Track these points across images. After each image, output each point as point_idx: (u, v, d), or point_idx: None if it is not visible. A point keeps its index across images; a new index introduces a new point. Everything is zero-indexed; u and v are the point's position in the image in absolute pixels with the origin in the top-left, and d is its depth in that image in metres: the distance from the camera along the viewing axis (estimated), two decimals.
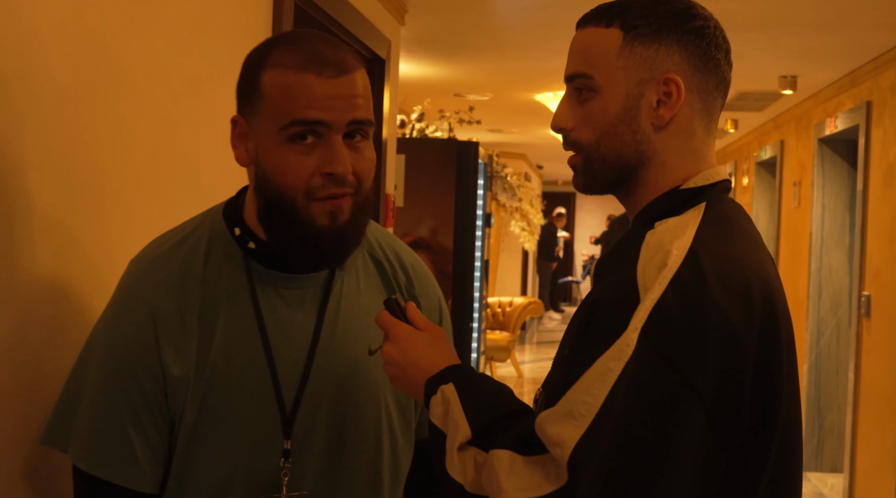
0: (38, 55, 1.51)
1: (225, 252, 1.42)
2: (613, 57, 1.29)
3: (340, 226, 1.35)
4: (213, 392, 1.36)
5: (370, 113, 1.37)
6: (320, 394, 1.41)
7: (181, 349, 1.36)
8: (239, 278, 1.40)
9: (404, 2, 4.15)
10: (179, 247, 1.42)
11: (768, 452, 1.21)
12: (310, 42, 1.35)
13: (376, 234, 1.56)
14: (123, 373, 1.35)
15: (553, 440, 1.16)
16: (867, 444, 5.10)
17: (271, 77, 1.34)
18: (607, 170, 1.32)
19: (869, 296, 5.07)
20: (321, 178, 1.33)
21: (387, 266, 1.54)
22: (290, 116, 1.31)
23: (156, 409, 1.36)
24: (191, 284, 1.38)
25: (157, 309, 1.36)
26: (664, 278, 1.16)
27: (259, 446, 1.38)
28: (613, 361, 1.14)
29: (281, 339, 1.40)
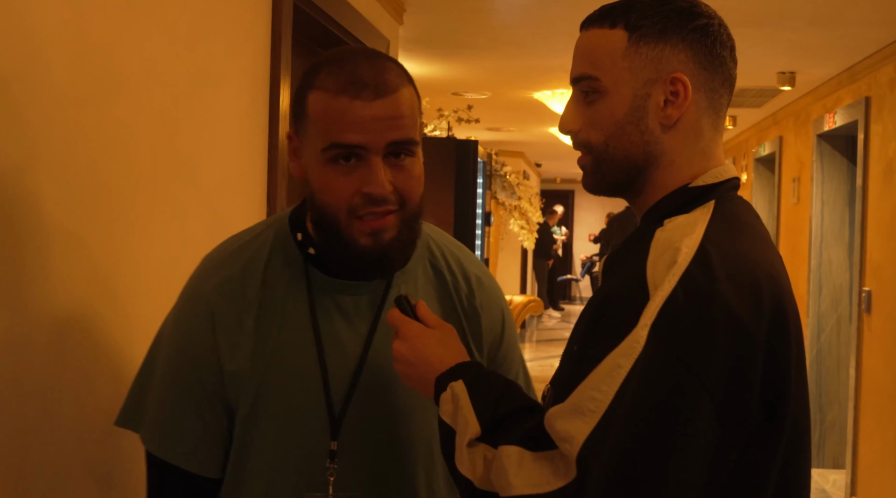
0: (39, 57, 1.51)
1: (287, 256, 1.47)
2: (619, 58, 1.29)
3: (384, 244, 1.39)
4: (266, 388, 1.42)
5: (411, 132, 1.39)
6: (369, 399, 1.45)
7: (236, 346, 1.42)
8: (298, 282, 1.46)
9: (402, 1, 4.14)
10: (245, 249, 1.49)
11: (777, 447, 1.21)
12: (352, 63, 1.38)
13: (441, 244, 1.58)
14: (185, 367, 1.43)
15: (562, 436, 1.16)
16: (869, 439, 5.10)
17: (315, 99, 1.38)
18: (616, 170, 1.33)
19: (869, 291, 5.07)
20: (360, 198, 1.37)
21: (447, 276, 1.56)
22: (329, 139, 1.36)
23: (215, 400, 1.43)
24: (251, 285, 1.45)
25: (216, 308, 1.43)
26: (674, 275, 1.16)
27: (307, 445, 1.42)
28: (623, 357, 1.15)
29: (334, 343, 1.44)
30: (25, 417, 1.50)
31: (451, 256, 1.58)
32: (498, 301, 1.61)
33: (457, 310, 1.54)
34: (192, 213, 2.09)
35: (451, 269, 1.56)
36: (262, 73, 2.49)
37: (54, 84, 1.55)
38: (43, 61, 1.52)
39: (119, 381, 1.79)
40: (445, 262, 1.57)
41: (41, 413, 1.53)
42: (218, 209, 2.23)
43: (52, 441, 1.57)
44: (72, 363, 1.62)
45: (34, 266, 1.52)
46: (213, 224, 2.20)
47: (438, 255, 1.57)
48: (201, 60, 2.10)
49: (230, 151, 2.30)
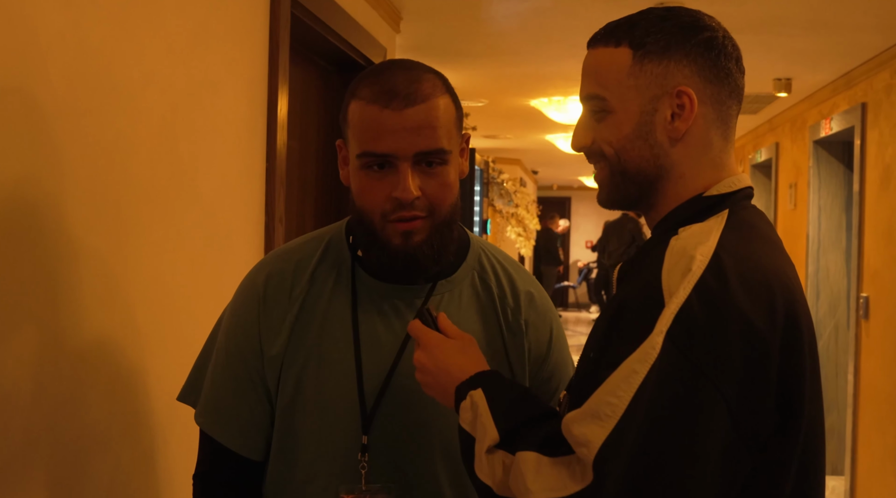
0: (38, 67, 1.51)
1: (338, 256, 1.56)
2: (625, 76, 1.32)
3: (413, 246, 1.45)
4: (305, 378, 1.49)
5: (441, 141, 1.44)
6: (400, 399, 1.50)
7: (278, 332, 1.51)
8: (344, 281, 1.54)
9: (399, 9, 4.15)
10: (303, 247, 1.59)
11: (793, 453, 1.22)
12: (390, 73, 1.46)
13: (494, 259, 1.62)
14: (233, 351, 1.53)
15: (579, 440, 1.18)
16: (868, 445, 5.10)
17: (353, 108, 1.46)
18: (629, 184, 1.35)
19: (867, 297, 5.07)
20: (391, 203, 1.44)
21: (495, 290, 1.59)
22: (362, 147, 1.44)
23: (258, 382, 1.52)
24: (300, 280, 1.54)
25: (265, 296, 1.53)
26: (689, 283, 1.18)
27: (341, 436, 1.49)
28: (639, 363, 1.16)
29: (371, 342, 1.51)
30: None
31: (501, 270, 1.62)
32: (548, 319, 1.63)
33: (500, 323, 1.58)
34: (191, 220, 2.09)
35: (501, 283, 1.60)
36: (260, 82, 2.49)
37: (54, 94, 1.55)
38: (42, 71, 1.52)
39: (114, 382, 1.79)
40: (495, 276, 1.60)
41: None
42: (217, 216, 2.23)
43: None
44: (72, 368, 1.62)
45: (33, 273, 1.52)
46: (211, 231, 2.20)
47: (489, 268, 1.61)
48: (200, 69, 2.11)
49: (229, 159, 2.30)
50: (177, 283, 2.02)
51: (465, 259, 1.58)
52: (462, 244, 1.59)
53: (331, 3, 3.07)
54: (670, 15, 1.33)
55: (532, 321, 1.60)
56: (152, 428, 1.92)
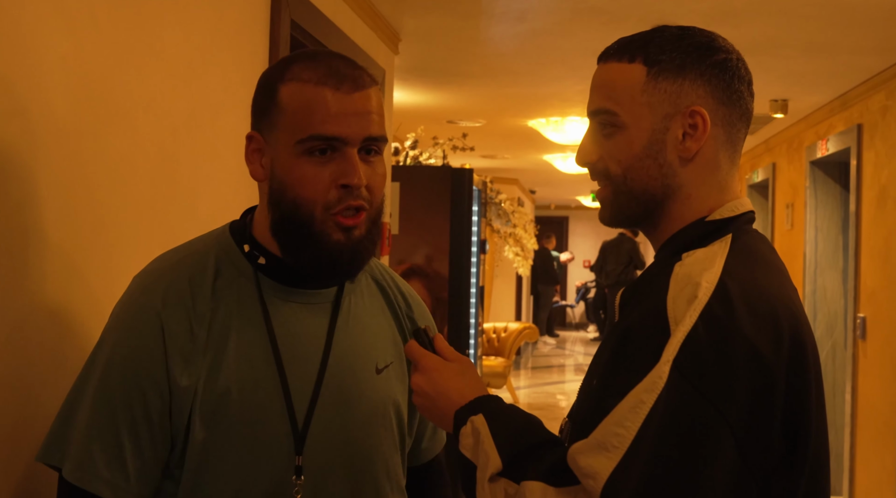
0: (40, 91, 1.52)
1: (234, 268, 1.42)
2: (638, 93, 1.30)
3: (355, 241, 1.38)
4: (224, 407, 1.35)
5: (384, 129, 1.40)
6: (331, 410, 1.42)
7: (190, 360, 1.35)
8: (250, 293, 1.41)
9: (398, 30, 4.18)
10: (186, 261, 1.42)
11: (800, 480, 1.22)
12: (327, 59, 1.39)
13: (374, 262, 1.58)
14: (128, 383, 1.34)
15: (586, 472, 1.16)
16: (865, 466, 5.10)
17: (290, 91, 1.36)
18: (634, 203, 1.33)
19: (864, 317, 5.08)
20: (337, 191, 1.35)
21: (389, 290, 1.57)
22: (307, 131, 1.34)
23: (157, 423, 1.34)
24: (200, 297, 1.38)
25: (166, 319, 1.36)
26: (695, 310, 1.17)
27: (271, 463, 1.37)
28: (646, 393, 1.15)
29: (292, 353, 1.40)
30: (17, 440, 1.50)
31: (385, 272, 1.60)
32: (428, 316, 1.62)
33: (401, 324, 1.55)
34: None
35: (389, 283, 1.58)
36: None
37: (55, 119, 1.56)
38: (44, 96, 1.53)
39: None
40: (382, 276, 1.58)
41: (32, 437, 1.54)
42: None
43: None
44: (65, 390, 1.63)
45: (32, 294, 1.53)
46: None
47: (377, 269, 1.58)
48: (200, 93, 2.12)
49: (229, 183, 2.31)
50: None
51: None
52: None
53: (330, 25, 3.08)
54: (686, 34, 1.32)
55: (420, 319, 1.58)
56: None
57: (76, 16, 1.61)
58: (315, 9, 2.91)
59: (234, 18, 2.33)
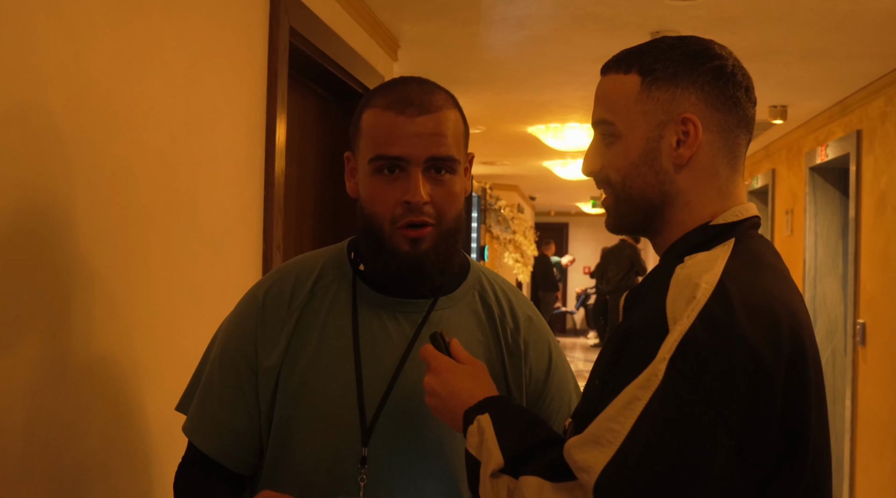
0: (39, 98, 1.52)
1: (339, 271, 1.58)
2: (633, 102, 1.33)
3: (420, 253, 1.49)
4: (303, 392, 1.50)
5: (452, 150, 1.50)
6: (400, 412, 1.50)
7: (275, 343, 1.52)
8: (345, 293, 1.56)
9: (397, 37, 4.18)
10: (303, 262, 1.61)
11: (800, 482, 1.22)
12: (404, 85, 1.52)
13: (494, 281, 1.65)
14: (227, 360, 1.54)
15: (580, 466, 1.18)
16: (866, 472, 5.09)
17: (367, 116, 1.51)
18: (634, 210, 1.36)
19: (864, 323, 5.08)
20: (401, 207, 1.47)
21: (495, 309, 1.61)
22: (375, 151, 1.48)
23: (249, 395, 1.52)
24: (300, 292, 1.55)
25: (265, 306, 1.55)
26: (693, 310, 1.18)
27: (340, 449, 1.49)
28: (641, 389, 1.16)
29: (372, 354, 1.52)
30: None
31: (501, 293, 1.64)
32: (546, 341, 1.64)
33: (500, 344, 1.59)
34: (190, 248, 2.10)
35: (501, 304, 1.62)
36: (259, 111, 2.51)
37: (55, 123, 1.57)
38: (44, 101, 1.53)
39: (113, 409, 1.79)
40: (495, 297, 1.62)
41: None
42: (215, 244, 2.24)
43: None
44: (64, 398, 1.62)
45: (34, 300, 1.53)
46: (210, 259, 2.20)
47: (489, 289, 1.63)
48: (199, 99, 2.12)
49: (227, 187, 2.31)
50: (176, 310, 2.03)
51: (465, 278, 1.60)
52: (463, 264, 1.61)
53: (329, 31, 3.09)
54: (680, 44, 1.35)
55: (532, 344, 1.61)
56: (150, 456, 1.92)
57: (75, 22, 1.61)
58: (314, 15, 2.92)
59: (233, 25, 2.34)
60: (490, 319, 1.60)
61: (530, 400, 1.59)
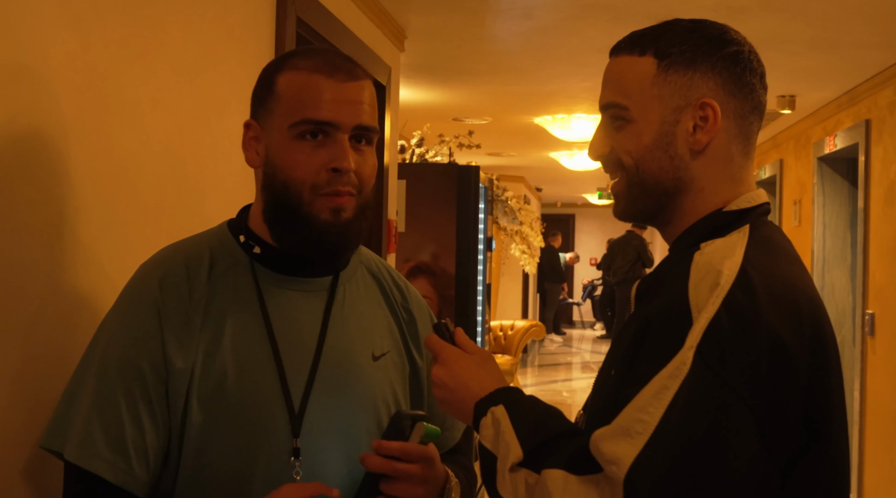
0: (47, 90, 1.52)
1: (230, 258, 1.48)
2: (648, 86, 1.31)
3: (342, 223, 1.42)
4: (221, 390, 1.39)
5: (375, 121, 1.46)
6: (326, 394, 1.44)
7: (184, 343, 1.39)
8: (245, 281, 1.46)
9: (403, 28, 4.17)
10: (183, 252, 1.48)
11: (821, 468, 1.22)
12: (324, 51, 1.47)
13: (369, 255, 1.63)
14: (126, 363, 1.37)
15: (608, 458, 1.16)
16: (875, 463, 5.08)
17: (287, 78, 1.43)
18: (647, 196, 1.33)
19: (873, 314, 5.07)
20: (326, 174, 1.40)
21: (384, 281, 1.61)
22: (300, 114, 1.40)
23: (155, 402, 1.37)
24: (196, 284, 1.43)
25: (162, 303, 1.40)
26: (717, 297, 1.17)
27: (269, 444, 1.39)
28: (669, 379, 1.15)
29: (287, 339, 1.44)
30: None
31: (380, 263, 1.64)
32: (425, 306, 1.65)
33: (397, 314, 1.59)
34: None
35: (384, 275, 1.62)
36: None
37: (62, 115, 1.56)
38: (51, 92, 1.53)
39: None
40: (377, 268, 1.62)
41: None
42: None
43: None
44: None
45: (39, 291, 1.52)
46: None
47: (371, 261, 1.62)
48: (206, 90, 2.12)
49: (235, 180, 2.31)
50: None
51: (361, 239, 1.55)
52: None
53: (336, 22, 3.08)
54: (697, 27, 1.33)
55: (416, 308, 1.62)
56: None
57: (82, 13, 1.61)
58: (321, 6, 2.91)
59: (241, 16, 2.33)
60: (383, 291, 1.59)
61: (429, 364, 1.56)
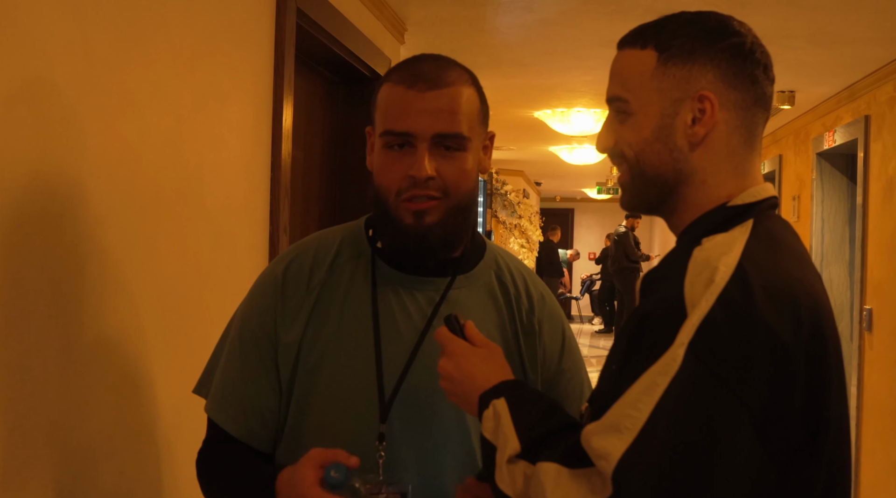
0: (46, 76, 1.52)
1: (357, 248, 1.59)
2: (648, 78, 1.31)
3: (425, 227, 1.49)
4: (322, 368, 1.51)
5: (460, 127, 1.49)
6: (418, 389, 1.51)
7: (295, 319, 1.53)
8: (363, 271, 1.57)
9: (404, 20, 4.16)
10: (321, 239, 1.61)
11: (820, 466, 1.21)
12: (418, 61, 1.53)
13: (509, 262, 1.67)
14: (247, 337, 1.55)
15: (598, 453, 1.16)
16: (871, 458, 5.09)
17: (383, 90, 1.53)
18: (649, 187, 1.34)
19: (871, 309, 5.07)
20: (407, 181, 1.48)
21: (511, 289, 1.62)
22: (385, 126, 1.50)
23: (271, 371, 1.53)
24: (319, 268, 1.56)
25: (284, 283, 1.55)
26: (711, 294, 1.16)
27: (358, 425, 1.49)
28: (660, 375, 1.15)
29: (390, 331, 1.53)
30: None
31: (517, 272, 1.65)
32: (559, 321, 1.65)
33: (515, 323, 1.60)
34: (197, 229, 2.09)
35: (516, 284, 1.63)
36: (266, 93, 2.50)
37: (61, 102, 1.56)
38: (50, 80, 1.53)
39: (120, 389, 1.79)
40: (511, 277, 1.63)
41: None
42: (222, 226, 2.23)
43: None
44: (72, 379, 1.63)
45: (39, 281, 1.53)
46: (216, 241, 2.20)
47: (505, 269, 1.64)
48: (205, 79, 2.12)
49: (234, 169, 2.31)
50: (182, 291, 2.03)
51: (482, 258, 1.61)
52: (479, 244, 1.62)
53: (336, 13, 3.08)
54: (699, 19, 1.33)
55: (546, 323, 1.62)
56: (157, 436, 1.92)
57: (81, 1, 1.60)
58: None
59: (241, 6, 2.33)
60: (506, 298, 1.61)
61: (545, 379, 1.59)
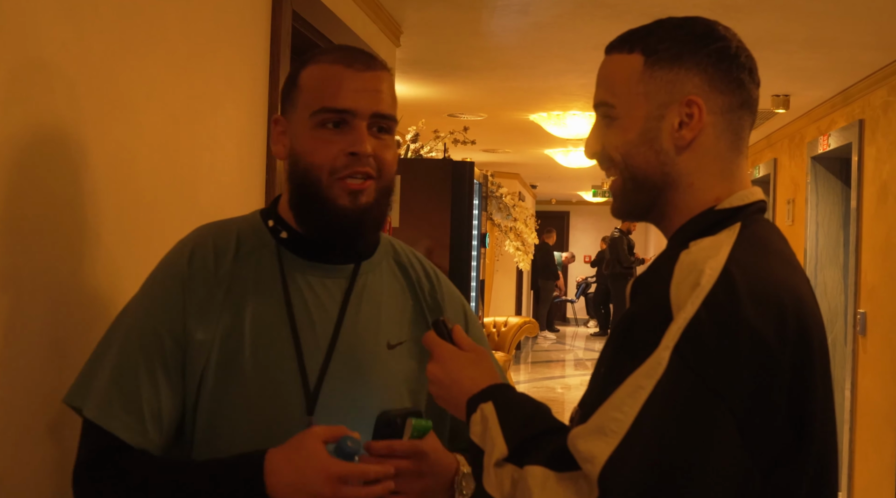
0: (41, 78, 1.52)
1: (257, 240, 1.55)
2: (635, 82, 1.32)
3: (361, 207, 1.48)
4: (238, 365, 1.45)
5: (394, 110, 1.52)
6: (341, 377, 1.50)
7: (206, 316, 1.46)
8: (270, 263, 1.53)
9: (399, 23, 4.17)
10: (214, 231, 1.55)
11: (805, 470, 1.21)
12: (345, 47, 1.56)
13: (400, 245, 1.68)
14: (148, 331, 1.45)
15: (584, 456, 1.16)
16: (865, 462, 5.10)
17: (309, 71, 1.51)
18: (637, 192, 1.34)
19: (864, 313, 5.08)
20: (345, 158, 1.46)
21: (411, 272, 1.64)
22: (320, 103, 1.47)
23: (172, 370, 1.45)
24: (222, 262, 1.50)
25: (187, 278, 1.48)
26: (697, 297, 1.16)
27: (285, 421, 1.45)
28: (645, 378, 1.15)
29: (307, 321, 1.50)
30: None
31: (412, 255, 1.68)
32: (458, 297, 1.68)
33: (421, 305, 1.62)
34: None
35: (413, 266, 1.65)
36: (261, 95, 2.51)
37: (56, 104, 1.56)
38: (45, 82, 1.53)
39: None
40: (408, 259, 1.66)
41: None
42: None
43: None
44: (69, 376, 1.63)
45: (34, 281, 1.53)
46: None
47: (402, 252, 1.66)
48: (201, 82, 2.12)
49: (229, 171, 2.31)
50: None
51: (378, 243, 1.62)
52: None
53: (331, 16, 3.08)
54: (685, 24, 1.34)
55: (447, 301, 1.64)
56: None
57: (77, 2, 1.61)
58: (317, 0, 2.91)
59: (236, 8, 2.33)
60: (408, 281, 1.63)
61: None
